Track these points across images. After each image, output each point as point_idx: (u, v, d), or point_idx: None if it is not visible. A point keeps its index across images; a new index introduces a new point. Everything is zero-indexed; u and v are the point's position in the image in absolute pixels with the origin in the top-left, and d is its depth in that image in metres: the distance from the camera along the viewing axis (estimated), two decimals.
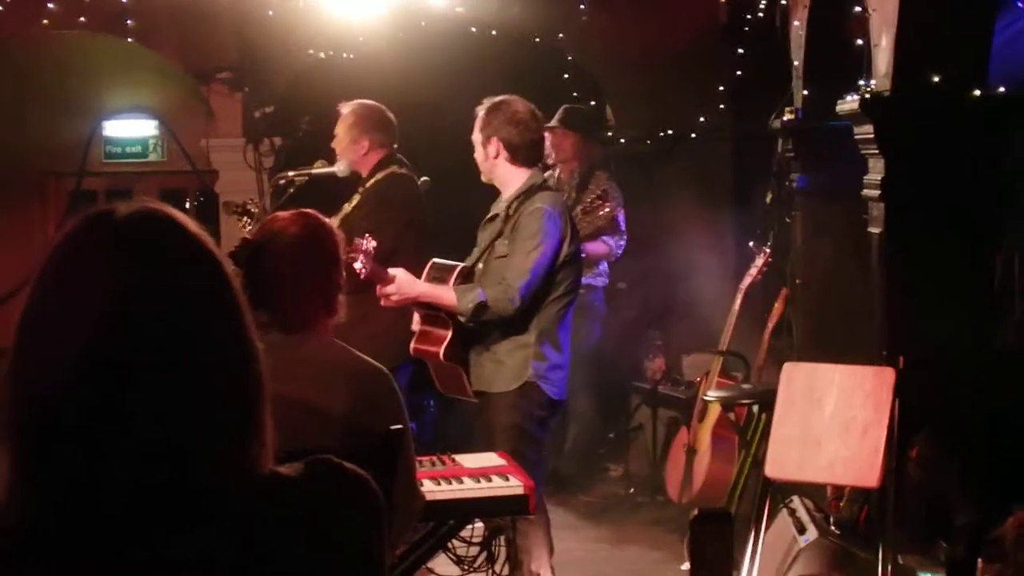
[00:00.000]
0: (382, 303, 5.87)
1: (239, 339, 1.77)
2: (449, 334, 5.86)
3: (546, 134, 8.75)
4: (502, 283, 5.73)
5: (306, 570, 1.74)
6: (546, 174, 9.00)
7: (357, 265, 5.51)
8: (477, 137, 5.97)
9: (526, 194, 5.88)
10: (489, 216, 6.05)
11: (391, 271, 5.84)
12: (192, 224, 1.77)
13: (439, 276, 5.97)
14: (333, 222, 6.60)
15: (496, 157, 5.91)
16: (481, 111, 5.96)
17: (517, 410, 5.79)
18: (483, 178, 6.07)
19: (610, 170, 9.11)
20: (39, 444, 1.66)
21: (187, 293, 1.73)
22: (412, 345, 5.98)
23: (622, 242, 8.79)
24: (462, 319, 5.80)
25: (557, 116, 8.69)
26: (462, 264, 6.02)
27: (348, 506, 1.81)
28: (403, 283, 5.82)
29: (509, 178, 5.95)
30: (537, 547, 5.93)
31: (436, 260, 6.09)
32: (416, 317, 6.00)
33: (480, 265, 5.97)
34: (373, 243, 5.66)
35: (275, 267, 3.89)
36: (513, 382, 5.80)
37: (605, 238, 8.71)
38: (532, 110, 5.98)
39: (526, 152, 5.94)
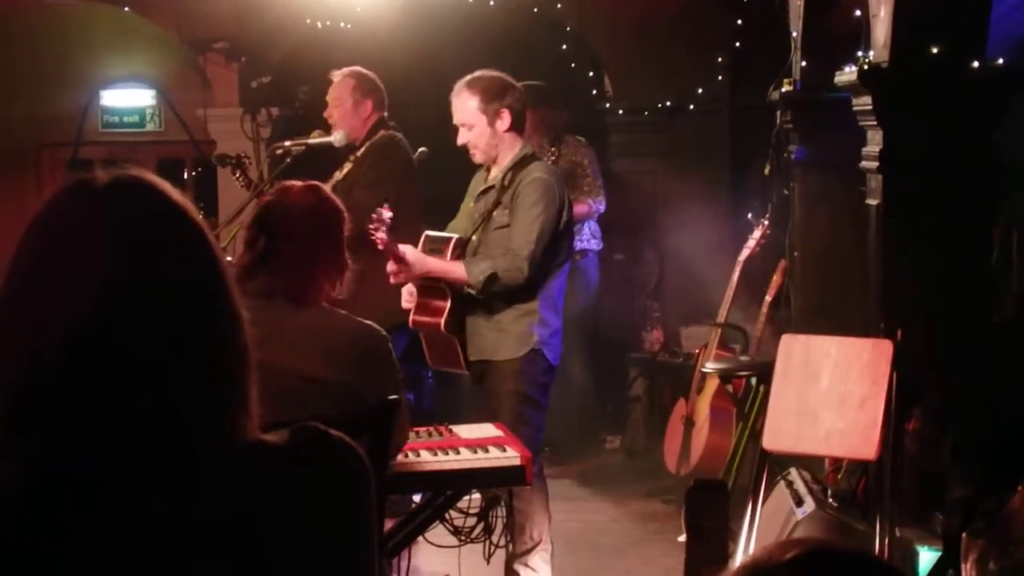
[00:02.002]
0: (391, 280, 5.86)
1: (224, 307, 1.77)
2: (447, 305, 5.85)
3: None
4: (508, 253, 5.75)
5: (290, 536, 1.74)
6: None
7: (381, 234, 5.54)
8: (478, 118, 5.90)
9: (521, 163, 5.90)
10: (484, 188, 6.03)
11: (401, 247, 5.82)
12: (174, 192, 1.77)
13: (436, 248, 5.95)
14: None
15: (507, 129, 5.91)
16: (471, 89, 5.91)
17: (522, 377, 5.82)
18: (480, 159, 6.01)
19: (602, 138, 9.09)
20: (27, 411, 1.67)
21: (172, 261, 1.73)
22: (411, 317, 5.95)
23: (600, 198, 8.79)
24: (472, 292, 5.80)
25: None
26: (456, 236, 6.00)
27: (332, 473, 1.82)
28: (414, 260, 5.80)
29: (508, 148, 5.95)
30: (537, 515, 5.94)
31: (429, 232, 6.08)
32: (409, 290, 5.97)
33: (474, 237, 5.96)
34: (389, 213, 5.65)
35: (291, 240, 3.91)
36: (519, 349, 5.82)
37: (582, 198, 8.71)
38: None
39: (522, 119, 6.00)
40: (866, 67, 6.10)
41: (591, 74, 10.56)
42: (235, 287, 1.79)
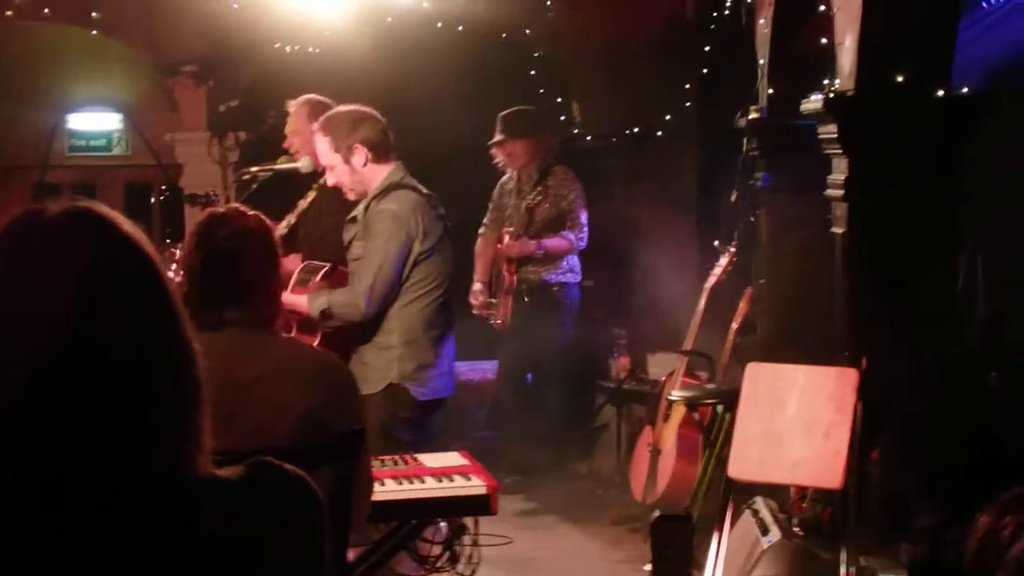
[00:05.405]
0: None
1: (175, 340, 1.76)
2: (317, 338, 5.83)
3: (494, 149, 8.78)
4: (350, 289, 5.73)
5: (242, 570, 1.72)
6: (504, 178, 9.01)
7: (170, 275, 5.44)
8: (334, 158, 5.86)
9: (382, 193, 5.83)
10: (349, 217, 6.00)
11: None
12: (126, 223, 1.76)
13: (305, 278, 5.98)
14: (290, 219, 6.55)
15: (365, 164, 5.84)
16: (323, 130, 5.88)
17: (381, 411, 5.71)
18: (353, 197, 5.95)
19: (570, 164, 9.09)
20: None
21: (122, 294, 1.71)
22: None
23: (583, 234, 8.80)
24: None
25: (499, 128, 8.70)
26: (329, 265, 6.01)
27: (286, 507, 1.81)
28: None
29: (375, 178, 5.88)
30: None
31: (308, 262, 6.07)
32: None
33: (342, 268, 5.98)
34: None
35: (243, 263, 3.85)
36: (378, 384, 5.75)
37: (565, 233, 8.73)
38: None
39: (385, 145, 5.90)
40: (832, 95, 6.13)
41: (559, 100, 10.57)
42: (187, 319, 1.78)
